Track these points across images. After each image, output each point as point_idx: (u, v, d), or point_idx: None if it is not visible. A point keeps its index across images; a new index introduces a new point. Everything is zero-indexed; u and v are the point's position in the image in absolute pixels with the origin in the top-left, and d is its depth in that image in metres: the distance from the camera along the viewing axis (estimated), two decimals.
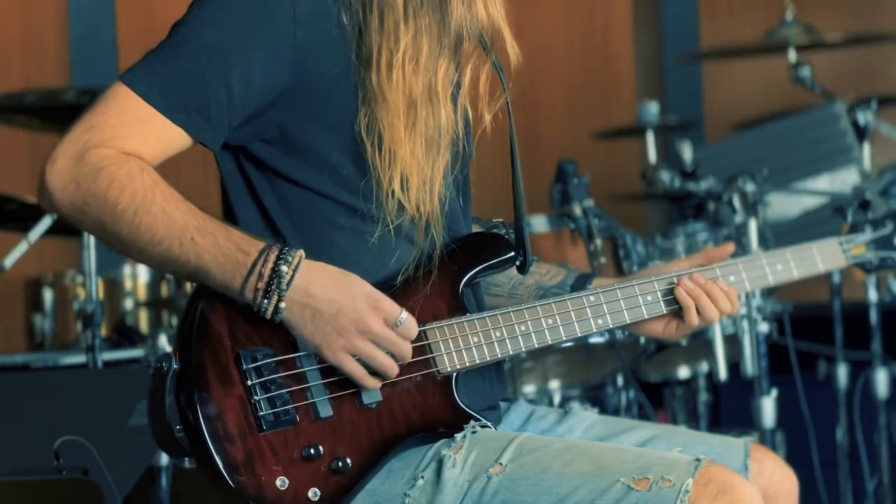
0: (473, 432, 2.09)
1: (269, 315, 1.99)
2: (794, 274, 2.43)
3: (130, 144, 2.00)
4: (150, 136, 2.01)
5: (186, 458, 2.07)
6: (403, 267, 2.11)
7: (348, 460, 2.03)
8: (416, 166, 2.08)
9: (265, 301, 1.98)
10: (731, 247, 2.39)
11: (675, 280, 2.27)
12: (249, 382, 2.01)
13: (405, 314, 2.03)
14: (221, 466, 1.98)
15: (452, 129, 2.12)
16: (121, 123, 2.00)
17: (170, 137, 2.02)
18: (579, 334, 2.21)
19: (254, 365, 2.01)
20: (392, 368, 2.04)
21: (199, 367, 2.00)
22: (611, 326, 2.24)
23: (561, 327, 2.18)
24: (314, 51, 2.05)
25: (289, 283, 1.98)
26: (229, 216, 2.14)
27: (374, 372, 2.04)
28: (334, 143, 2.09)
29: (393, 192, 2.07)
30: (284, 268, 1.97)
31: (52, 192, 1.99)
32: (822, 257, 2.48)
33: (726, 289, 2.28)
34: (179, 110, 2.01)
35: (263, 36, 2.03)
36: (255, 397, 2.00)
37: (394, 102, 2.06)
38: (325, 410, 2.03)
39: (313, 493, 2.01)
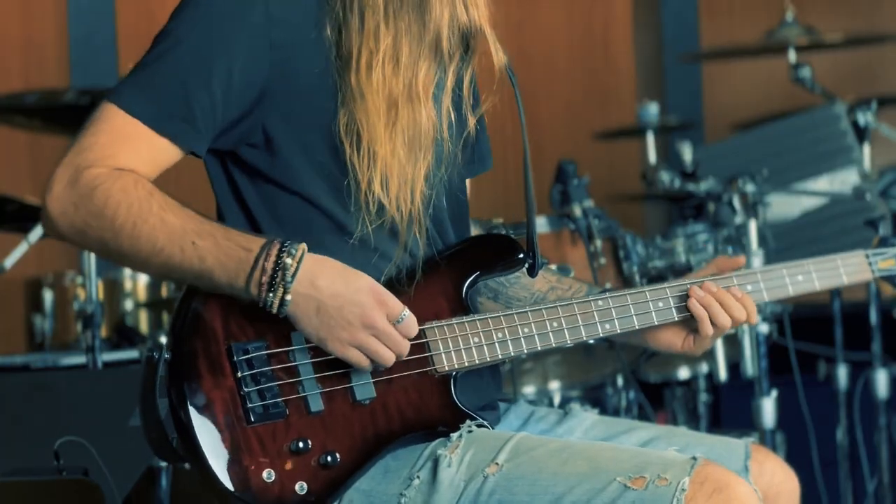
0: (470, 431, 2.09)
1: (274, 309, 1.99)
2: (816, 285, 2.37)
3: (122, 161, 2.02)
4: (140, 150, 2.03)
5: (175, 461, 2.07)
6: (387, 270, 2.11)
7: (338, 455, 2.04)
8: (396, 166, 2.09)
9: (270, 295, 1.98)
10: (742, 259, 2.35)
11: (688, 288, 2.24)
12: (239, 374, 2.02)
13: (407, 311, 2.04)
14: (208, 457, 1.99)
15: (434, 130, 2.12)
16: (110, 142, 2.02)
17: (159, 150, 2.04)
18: (585, 338, 2.20)
19: (245, 357, 2.02)
20: (391, 362, 2.04)
21: (191, 357, 2.01)
22: (618, 332, 2.21)
23: (566, 330, 2.18)
24: (292, 50, 2.07)
25: (294, 275, 1.98)
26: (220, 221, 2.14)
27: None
28: (317, 144, 2.10)
29: (373, 192, 2.08)
30: (289, 260, 1.98)
31: (54, 219, 2.03)
32: (847, 269, 2.42)
33: (740, 296, 2.25)
34: (164, 121, 2.03)
35: (239, 37, 2.04)
36: (245, 389, 2.01)
37: (373, 102, 2.07)
38: (317, 405, 2.04)
39: (300, 486, 2.02)
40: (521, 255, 2.18)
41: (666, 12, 6.44)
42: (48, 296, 4.53)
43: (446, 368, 2.11)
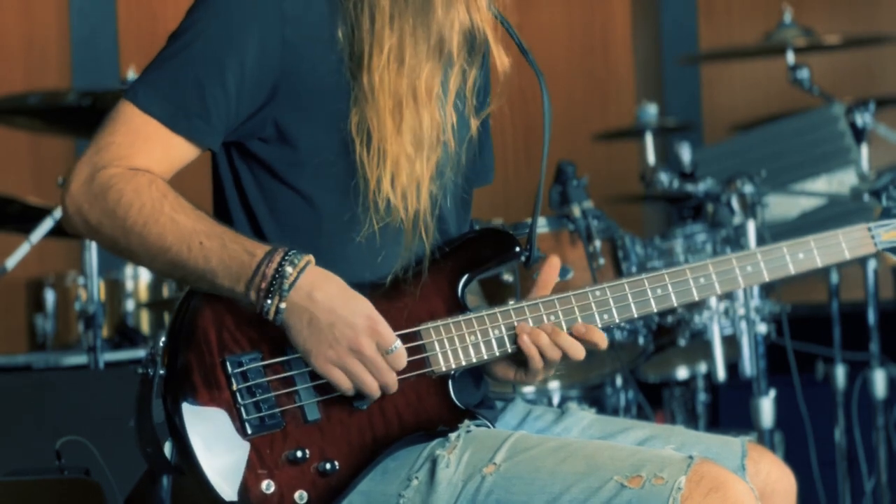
0: (468, 431, 2.10)
1: (270, 316, 2.00)
2: (818, 262, 2.31)
3: (137, 161, 2.05)
4: (157, 150, 2.06)
5: (172, 474, 2.07)
6: (392, 270, 2.12)
7: (336, 462, 2.04)
8: (404, 165, 2.10)
9: (267, 301, 1.99)
10: (555, 259, 2.23)
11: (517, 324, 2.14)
12: (235, 387, 2.02)
13: (398, 343, 2.03)
14: (206, 470, 2.00)
15: (438, 131, 2.13)
16: (127, 142, 2.05)
17: (175, 148, 2.07)
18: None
19: (239, 370, 2.03)
20: (375, 392, 2.04)
21: (186, 372, 2.01)
22: (617, 321, 2.19)
23: (563, 322, 2.16)
24: (304, 47, 2.09)
25: (291, 285, 1.99)
26: (220, 216, 2.16)
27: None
28: (327, 141, 2.11)
29: (381, 190, 2.09)
30: (289, 269, 1.99)
31: (71, 217, 2.07)
32: (849, 244, 2.35)
33: (584, 331, 2.14)
34: (181, 119, 2.05)
35: (252, 33, 2.06)
36: (241, 402, 2.02)
37: (382, 102, 2.09)
38: (313, 413, 2.04)
39: (300, 495, 2.02)
40: (517, 249, 2.19)
41: (665, 14, 6.45)
42: (50, 296, 4.55)
43: (443, 369, 2.11)
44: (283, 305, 2.00)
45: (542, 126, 2.27)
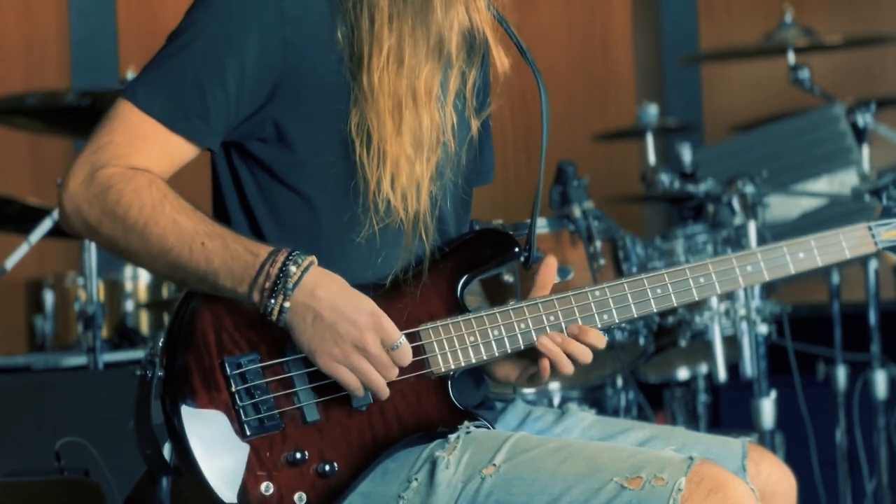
0: (468, 432, 2.09)
1: (274, 316, 2.00)
2: (818, 261, 2.31)
3: (136, 160, 2.04)
4: (155, 149, 2.05)
5: (171, 475, 2.07)
6: (392, 270, 2.12)
7: (336, 464, 2.04)
8: (405, 166, 2.10)
9: (271, 301, 1.99)
10: (552, 259, 2.24)
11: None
12: (234, 388, 2.02)
13: (403, 340, 2.03)
14: (205, 472, 1.99)
15: (438, 132, 2.13)
16: (126, 141, 2.04)
17: (174, 147, 2.06)
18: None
19: (238, 371, 2.02)
20: (383, 389, 2.04)
21: (185, 374, 2.01)
22: (616, 321, 2.19)
23: (563, 324, 2.16)
24: (304, 47, 2.08)
25: (296, 284, 1.99)
26: (219, 217, 2.16)
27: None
28: (328, 143, 2.11)
29: (381, 191, 2.09)
30: (293, 268, 1.99)
31: (69, 216, 2.06)
32: (849, 243, 2.35)
33: (577, 332, 2.14)
34: (179, 118, 2.05)
35: (252, 33, 2.06)
36: (240, 403, 2.02)
37: (382, 102, 2.09)
38: (312, 414, 2.04)
39: (299, 497, 2.02)
40: (517, 249, 2.18)
41: (665, 14, 6.45)
42: (49, 297, 4.55)
43: (442, 370, 2.11)
44: (286, 305, 1.99)
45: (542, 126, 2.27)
